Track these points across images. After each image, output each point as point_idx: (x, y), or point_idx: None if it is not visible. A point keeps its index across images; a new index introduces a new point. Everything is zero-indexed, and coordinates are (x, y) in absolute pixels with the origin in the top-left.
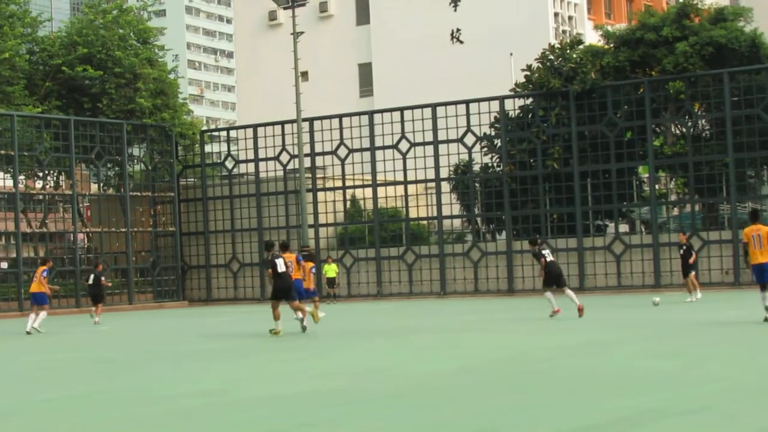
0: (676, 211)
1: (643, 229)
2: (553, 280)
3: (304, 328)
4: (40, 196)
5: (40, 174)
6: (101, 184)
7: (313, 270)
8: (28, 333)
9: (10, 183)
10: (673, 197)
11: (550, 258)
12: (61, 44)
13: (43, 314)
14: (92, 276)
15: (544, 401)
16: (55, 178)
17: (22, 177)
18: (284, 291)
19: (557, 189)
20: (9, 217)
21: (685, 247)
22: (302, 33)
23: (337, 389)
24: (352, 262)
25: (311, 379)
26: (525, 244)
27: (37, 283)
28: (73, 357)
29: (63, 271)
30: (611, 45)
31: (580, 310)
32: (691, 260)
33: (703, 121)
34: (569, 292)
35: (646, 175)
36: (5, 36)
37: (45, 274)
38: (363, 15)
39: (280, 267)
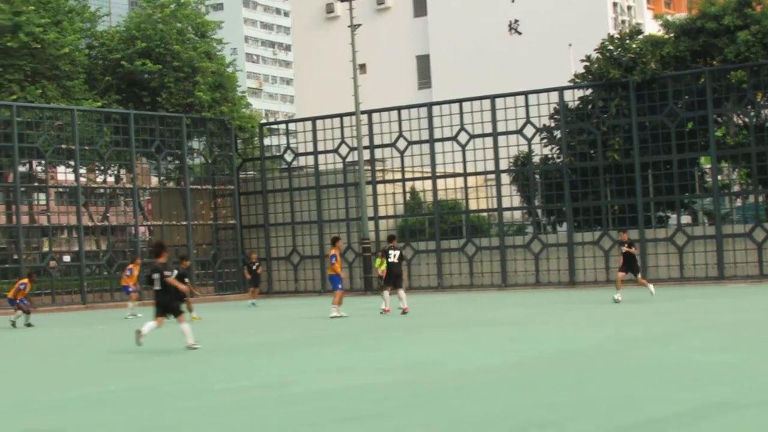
0: (739, 202)
1: (706, 221)
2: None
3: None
4: (102, 190)
5: (101, 168)
6: (161, 178)
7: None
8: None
9: (71, 177)
10: (736, 188)
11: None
12: (120, 39)
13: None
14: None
15: (607, 394)
16: (115, 172)
17: (83, 171)
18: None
19: (618, 180)
20: (71, 210)
21: (626, 245)
22: (360, 25)
23: (397, 382)
24: (413, 255)
25: (371, 372)
26: (587, 236)
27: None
28: (135, 349)
29: (124, 265)
30: (671, 35)
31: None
32: (617, 261)
33: (767, 111)
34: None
35: (708, 166)
36: (65, 31)
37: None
38: (420, 7)
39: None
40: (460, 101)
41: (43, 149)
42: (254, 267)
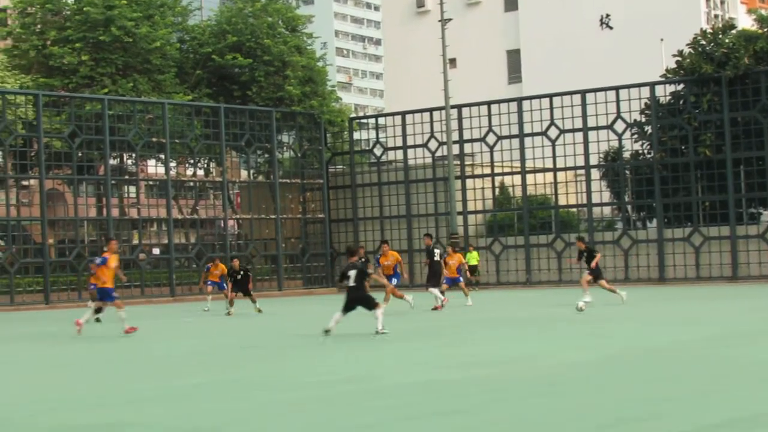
0: None
1: None
2: None
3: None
4: (191, 183)
5: (191, 161)
6: (251, 171)
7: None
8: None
9: (161, 170)
10: None
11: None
12: (211, 33)
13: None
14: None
15: (695, 391)
16: (205, 165)
17: (173, 164)
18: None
19: (709, 176)
20: (161, 203)
21: (585, 253)
22: (450, 20)
23: (484, 377)
24: (501, 250)
25: (458, 366)
26: (677, 232)
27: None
28: (222, 343)
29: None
30: (765, 29)
31: None
32: (593, 264)
33: None
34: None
35: None
36: (156, 25)
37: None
38: (511, 1)
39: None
40: (551, 96)
41: (133, 142)
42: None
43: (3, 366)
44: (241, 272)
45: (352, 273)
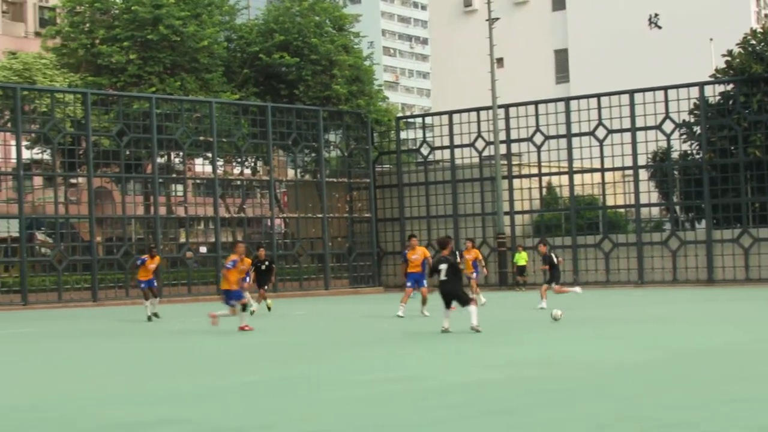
0: None
1: None
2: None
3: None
4: (238, 182)
5: (238, 160)
6: (298, 170)
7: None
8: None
9: (209, 168)
10: None
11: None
12: (258, 32)
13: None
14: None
15: (748, 394)
16: (252, 164)
17: (220, 162)
18: None
19: (759, 177)
20: (208, 202)
21: (547, 258)
22: (497, 19)
23: (531, 377)
24: (548, 250)
25: (505, 366)
26: (726, 233)
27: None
28: (272, 341)
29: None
30: None
31: None
32: (543, 267)
33: None
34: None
35: None
36: (204, 24)
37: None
38: (559, 0)
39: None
40: (598, 96)
41: (181, 141)
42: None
43: (54, 362)
44: (266, 262)
45: (443, 267)
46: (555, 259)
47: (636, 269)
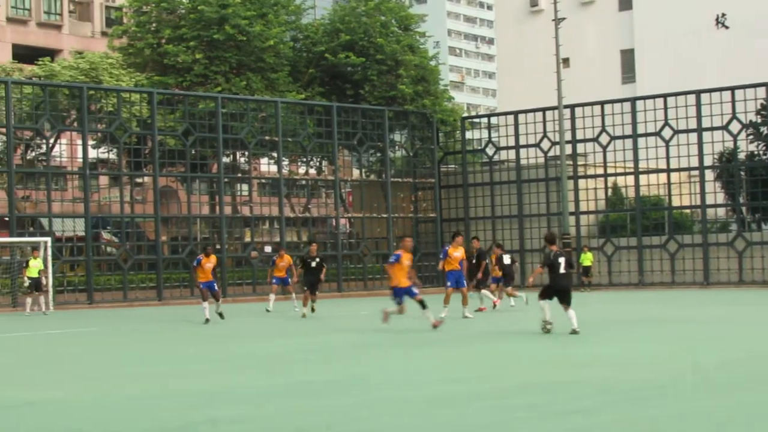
0: None
1: None
2: None
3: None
4: (303, 182)
5: (304, 159)
6: (363, 170)
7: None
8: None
9: (274, 168)
10: None
11: None
12: (324, 31)
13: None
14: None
15: None
16: (317, 164)
17: (285, 162)
18: None
19: None
20: (273, 201)
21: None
22: (564, 19)
23: (601, 378)
24: (613, 251)
25: (575, 366)
26: None
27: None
28: (334, 340)
29: (326, 256)
30: None
31: None
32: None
33: None
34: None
35: None
36: (270, 24)
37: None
38: (625, 0)
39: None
40: (665, 96)
41: (246, 140)
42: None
43: (117, 361)
44: (317, 259)
45: (562, 260)
46: (507, 261)
47: (702, 270)
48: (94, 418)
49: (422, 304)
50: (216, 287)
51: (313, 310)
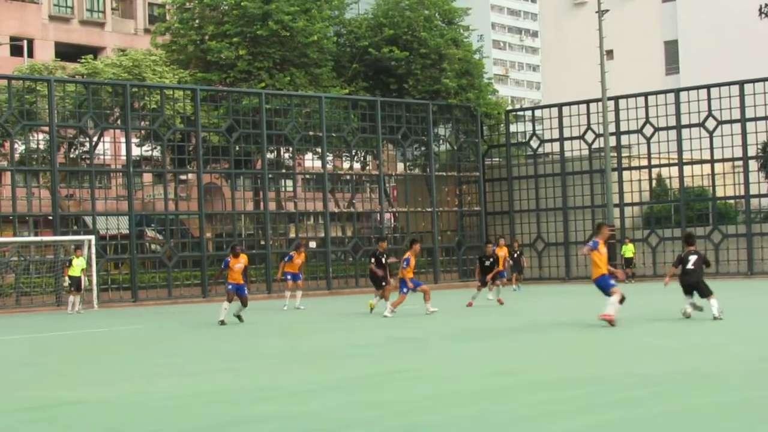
0: None
1: None
2: None
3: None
4: (348, 177)
5: (348, 154)
6: (407, 164)
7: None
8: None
9: (318, 163)
10: None
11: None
12: (368, 26)
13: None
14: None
15: None
16: (362, 158)
17: (330, 157)
18: None
19: None
20: (318, 197)
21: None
22: (607, 11)
23: (641, 369)
24: (658, 242)
25: (615, 358)
26: None
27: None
28: (376, 335)
29: (367, 251)
30: None
31: None
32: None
33: None
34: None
35: None
36: (313, 19)
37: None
38: None
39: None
40: (708, 87)
41: (290, 136)
42: (515, 254)
43: (161, 359)
44: (385, 255)
45: (692, 257)
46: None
47: (745, 260)
48: (136, 417)
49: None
50: (246, 292)
51: (383, 298)
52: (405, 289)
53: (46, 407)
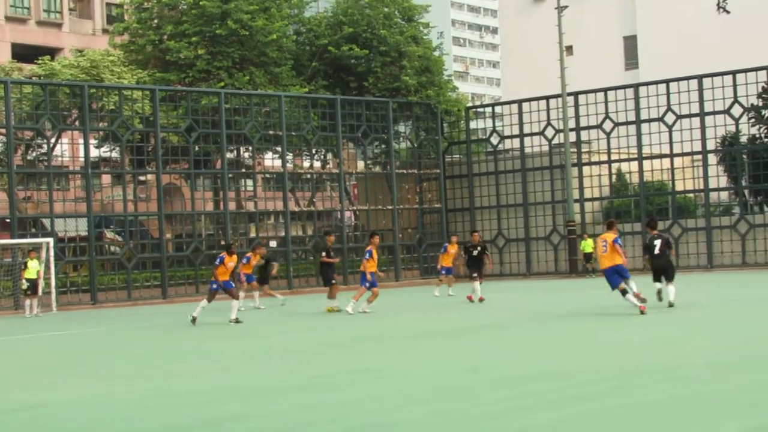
0: None
1: None
2: None
3: None
4: (308, 175)
5: (308, 153)
6: (368, 162)
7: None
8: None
9: (278, 162)
10: None
11: None
12: (327, 24)
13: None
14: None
15: None
16: (322, 157)
17: (289, 156)
18: None
19: None
20: (278, 196)
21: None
22: (566, 7)
23: (602, 364)
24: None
25: (578, 354)
26: None
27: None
28: (339, 335)
29: (334, 249)
30: None
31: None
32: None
33: None
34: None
35: None
36: (272, 18)
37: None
38: None
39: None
40: (667, 82)
41: (250, 135)
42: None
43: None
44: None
45: (657, 242)
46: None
47: (705, 253)
48: (105, 419)
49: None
50: (233, 285)
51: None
52: (367, 284)
53: (8, 411)
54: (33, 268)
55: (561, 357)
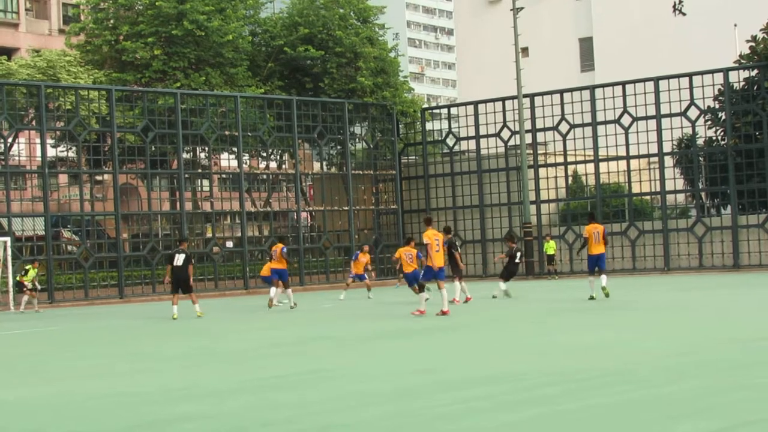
0: None
1: None
2: None
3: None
4: (264, 176)
5: (264, 154)
6: (324, 163)
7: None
8: (273, 306)
9: (234, 163)
10: None
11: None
12: (283, 25)
13: (287, 291)
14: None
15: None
16: (278, 158)
17: (246, 157)
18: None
19: None
20: (234, 196)
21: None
22: (522, 9)
23: (558, 366)
24: (575, 239)
25: (534, 356)
26: (751, 219)
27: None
28: (293, 335)
29: (288, 249)
30: None
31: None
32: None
33: None
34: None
35: None
36: (228, 18)
37: (285, 251)
38: None
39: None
40: (623, 83)
41: (206, 136)
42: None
43: (83, 360)
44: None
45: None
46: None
47: (662, 256)
48: (55, 418)
49: None
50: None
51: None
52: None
53: None
54: None
55: (514, 359)
